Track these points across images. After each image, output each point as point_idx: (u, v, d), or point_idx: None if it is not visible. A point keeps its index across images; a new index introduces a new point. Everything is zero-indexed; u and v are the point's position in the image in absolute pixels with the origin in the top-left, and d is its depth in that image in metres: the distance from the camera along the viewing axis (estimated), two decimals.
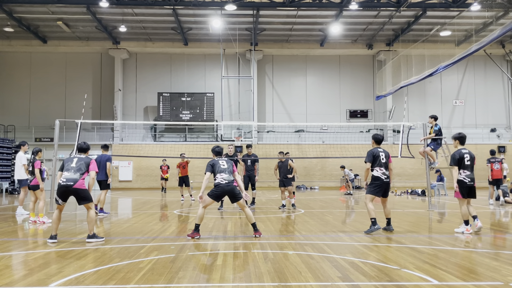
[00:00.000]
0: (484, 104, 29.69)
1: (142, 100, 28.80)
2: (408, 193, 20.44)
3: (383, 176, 7.90)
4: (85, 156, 7.36)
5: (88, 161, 7.23)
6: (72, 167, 7.09)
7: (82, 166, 7.12)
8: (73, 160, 7.20)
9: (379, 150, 8.03)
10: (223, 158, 7.77)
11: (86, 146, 7.62)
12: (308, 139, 27.55)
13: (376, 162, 7.95)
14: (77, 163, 7.14)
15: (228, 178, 7.35)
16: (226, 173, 7.40)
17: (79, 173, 7.04)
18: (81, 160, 7.19)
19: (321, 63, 29.63)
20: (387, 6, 22.59)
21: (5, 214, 11.99)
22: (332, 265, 5.24)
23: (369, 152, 8.07)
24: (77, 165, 7.10)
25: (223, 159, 7.65)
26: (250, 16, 24.22)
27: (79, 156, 7.32)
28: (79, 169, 7.07)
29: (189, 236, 7.32)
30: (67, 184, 6.93)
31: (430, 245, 6.62)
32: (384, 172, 7.93)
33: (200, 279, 4.65)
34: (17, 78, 28.50)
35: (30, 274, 4.90)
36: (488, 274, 4.79)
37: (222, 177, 7.33)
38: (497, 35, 16.60)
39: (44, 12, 23.53)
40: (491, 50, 27.92)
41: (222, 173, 7.36)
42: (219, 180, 7.33)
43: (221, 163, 7.50)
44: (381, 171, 7.91)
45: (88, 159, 7.29)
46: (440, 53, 23.39)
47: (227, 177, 7.36)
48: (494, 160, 14.71)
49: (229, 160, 7.68)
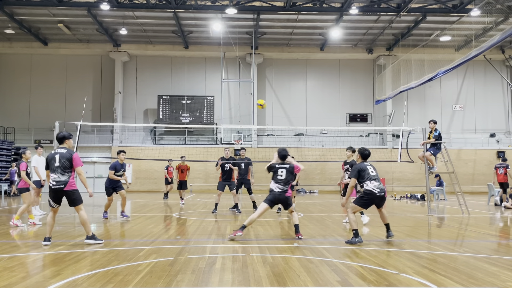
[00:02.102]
0: (484, 109, 29.73)
1: (142, 103, 28.82)
2: (407, 198, 20.42)
3: (376, 189, 7.29)
4: (66, 151, 6.90)
5: (69, 156, 6.82)
6: (57, 167, 6.80)
7: (66, 164, 6.80)
8: (56, 158, 6.83)
9: (366, 165, 7.54)
10: (285, 164, 7.79)
11: (62, 135, 7.08)
12: (308, 143, 27.57)
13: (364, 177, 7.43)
14: (60, 161, 6.79)
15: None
16: (282, 184, 7.62)
17: (66, 173, 6.80)
18: (63, 157, 6.81)
19: (321, 67, 29.69)
20: (387, 11, 22.67)
21: (4, 216, 11.97)
22: (331, 269, 5.23)
23: (354, 167, 7.61)
24: (61, 163, 6.79)
25: (284, 167, 7.71)
26: (250, 20, 24.29)
27: (60, 152, 6.88)
28: (64, 168, 6.79)
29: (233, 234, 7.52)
30: (57, 187, 6.81)
31: (429, 250, 6.61)
32: (377, 186, 7.36)
33: (198, 283, 4.64)
34: (17, 80, 28.53)
35: (28, 276, 4.89)
36: (487, 280, 4.78)
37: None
38: (497, 40, 16.64)
39: (45, 14, 23.59)
40: (491, 55, 28.00)
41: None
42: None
43: (279, 172, 7.67)
44: (372, 184, 7.36)
45: (69, 153, 6.85)
46: (440, 58, 23.46)
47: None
48: (499, 165, 15.80)
49: (288, 171, 7.71)
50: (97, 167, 27.66)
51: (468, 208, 12.31)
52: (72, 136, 7.26)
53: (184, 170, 16.52)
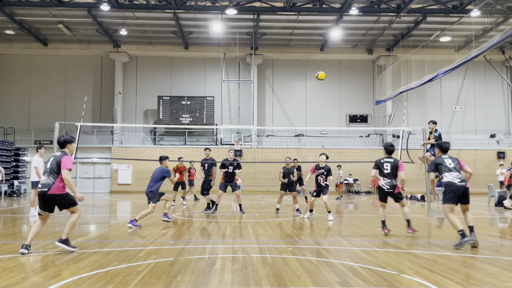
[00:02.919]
0: (484, 109, 29.73)
1: (142, 103, 28.82)
2: (408, 198, 20.42)
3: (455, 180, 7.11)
4: (60, 154, 6.46)
5: (59, 158, 6.35)
6: (47, 169, 6.37)
7: (54, 166, 6.32)
8: (49, 160, 6.47)
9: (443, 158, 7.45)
10: (390, 159, 8.24)
11: (64, 139, 6.61)
12: (308, 144, 27.56)
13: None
14: (51, 162, 6.38)
15: (390, 183, 8.12)
16: (388, 177, 8.13)
17: (53, 175, 6.29)
18: (54, 160, 6.39)
19: (321, 67, 29.51)
20: (387, 11, 22.67)
21: (5, 217, 11.97)
22: (331, 270, 5.23)
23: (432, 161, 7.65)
24: (50, 165, 6.35)
25: (388, 161, 8.18)
26: (250, 20, 24.30)
27: (54, 155, 6.51)
28: (52, 170, 6.31)
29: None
30: (42, 190, 6.28)
31: (429, 251, 6.61)
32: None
33: (198, 283, 4.64)
34: (17, 81, 28.53)
35: (28, 277, 4.89)
36: (487, 280, 4.78)
37: (386, 181, 8.13)
38: (497, 41, 16.64)
39: (45, 15, 23.59)
40: (491, 56, 27.99)
41: (385, 177, 8.15)
42: (382, 183, 8.15)
43: (385, 166, 8.14)
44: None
45: (60, 156, 6.40)
46: (440, 59, 23.45)
47: (389, 181, 8.13)
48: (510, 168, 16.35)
49: (393, 165, 8.14)
50: (97, 168, 27.66)
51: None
52: (74, 140, 6.85)
53: (182, 172, 16.44)
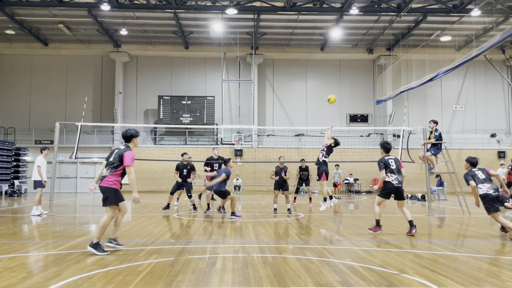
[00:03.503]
0: (484, 109, 29.71)
1: (142, 103, 28.84)
2: (408, 198, 20.40)
3: (490, 190, 7.81)
4: (124, 148, 6.37)
5: (121, 153, 6.26)
6: (109, 162, 6.33)
7: (116, 159, 6.24)
8: (112, 153, 6.40)
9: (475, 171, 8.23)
10: (391, 156, 8.46)
11: (130, 133, 6.49)
12: (308, 143, 27.56)
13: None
14: (114, 156, 6.31)
15: (397, 179, 8.25)
16: (395, 173, 8.27)
17: (111, 168, 6.23)
18: (117, 153, 6.31)
19: (321, 67, 29.68)
20: (387, 11, 22.66)
21: (5, 217, 11.98)
22: (332, 270, 5.23)
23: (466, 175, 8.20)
24: (113, 159, 6.29)
25: (391, 158, 8.39)
26: (251, 20, 24.29)
27: (118, 148, 6.43)
28: (112, 164, 6.26)
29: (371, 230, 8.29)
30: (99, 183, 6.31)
31: (429, 250, 6.60)
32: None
33: (199, 283, 4.64)
34: (18, 81, 28.55)
35: (29, 276, 4.89)
36: (488, 280, 4.78)
37: (394, 177, 8.24)
38: (497, 40, 16.64)
39: (45, 15, 23.60)
40: (491, 55, 27.98)
41: (392, 173, 8.25)
42: (391, 179, 8.22)
43: (390, 163, 8.32)
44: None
45: (122, 150, 6.31)
46: (440, 58, 23.46)
47: (396, 177, 8.25)
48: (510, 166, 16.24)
49: (397, 161, 8.43)
50: (98, 168, 27.66)
51: (469, 208, 12.30)
52: (139, 134, 6.67)
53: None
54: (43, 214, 11.84)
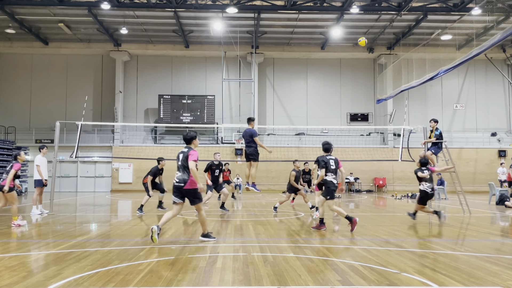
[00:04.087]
0: (485, 108, 29.69)
1: (142, 102, 28.83)
2: (409, 197, 20.40)
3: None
4: (187, 149, 7.05)
5: (186, 154, 6.96)
6: (179, 165, 7.00)
7: (185, 162, 6.93)
8: (179, 156, 7.05)
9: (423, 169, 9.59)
10: (332, 156, 8.79)
11: (190, 136, 7.19)
12: (309, 142, 27.55)
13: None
14: (182, 159, 7.00)
15: (336, 179, 8.64)
16: (334, 173, 8.62)
17: (187, 171, 6.91)
18: (183, 155, 6.99)
19: (322, 66, 29.67)
20: (388, 10, 22.64)
21: (5, 216, 11.98)
22: (332, 269, 5.23)
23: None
24: (182, 162, 6.98)
25: (331, 158, 8.71)
26: (251, 19, 24.27)
27: (182, 151, 7.08)
28: (184, 167, 6.93)
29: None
30: (178, 185, 6.97)
31: (430, 249, 6.60)
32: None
33: (199, 282, 4.64)
34: (18, 80, 28.55)
35: (29, 276, 4.90)
36: (488, 279, 4.77)
37: (333, 176, 8.61)
38: (498, 39, 16.61)
39: (45, 14, 23.59)
40: (492, 54, 27.95)
41: (332, 173, 8.60)
42: (331, 178, 8.56)
43: (331, 163, 8.62)
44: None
45: (187, 151, 6.99)
46: (441, 57, 23.45)
47: (335, 177, 8.63)
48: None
49: (336, 161, 8.72)
50: (98, 167, 27.68)
51: (469, 207, 12.30)
52: (197, 135, 7.38)
53: None
54: (44, 213, 11.86)
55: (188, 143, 7.17)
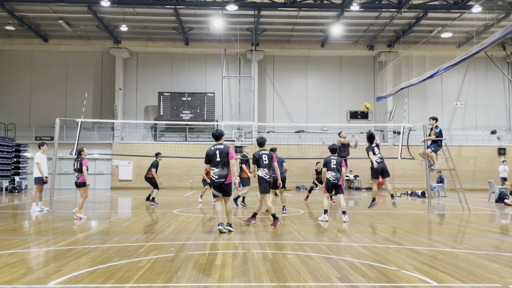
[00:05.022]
0: (485, 106, 29.68)
1: (142, 100, 28.82)
2: (408, 195, 20.43)
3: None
4: (224, 147, 7.66)
5: (227, 150, 7.60)
6: (218, 162, 7.52)
7: (226, 158, 7.51)
8: (216, 154, 7.58)
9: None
10: (266, 151, 9.00)
11: (219, 133, 7.82)
12: (309, 140, 27.56)
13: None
14: (220, 155, 7.54)
15: (268, 174, 8.90)
16: (267, 168, 8.89)
17: (226, 167, 7.53)
18: (222, 152, 7.58)
19: (322, 63, 29.64)
20: (388, 7, 22.60)
21: (5, 213, 12.00)
22: (331, 266, 5.24)
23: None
24: (221, 158, 7.52)
25: (265, 153, 8.93)
26: (251, 16, 24.23)
27: (219, 148, 7.62)
28: (224, 163, 7.52)
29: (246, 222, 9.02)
30: (219, 181, 7.55)
31: (429, 247, 6.61)
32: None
33: (199, 279, 4.65)
34: (17, 77, 28.52)
35: (29, 272, 4.91)
36: (487, 276, 4.79)
37: (265, 171, 8.87)
38: (498, 37, 16.58)
39: (45, 11, 23.55)
40: (492, 52, 27.93)
41: (264, 168, 8.88)
42: (263, 174, 8.87)
43: (263, 158, 8.84)
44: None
45: (227, 148, 7.63)
46: (441, 55, 23.40)
47: (267, 172, 8.89)
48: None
49: (270, 155, 8.98)
50: (98, 164, 27.68)
51: (469, 205, 12.32)
52: (224, 133, 8.02)
53: None
54: (44, 210, 11.88)
55: (218, 140, 7.75)
